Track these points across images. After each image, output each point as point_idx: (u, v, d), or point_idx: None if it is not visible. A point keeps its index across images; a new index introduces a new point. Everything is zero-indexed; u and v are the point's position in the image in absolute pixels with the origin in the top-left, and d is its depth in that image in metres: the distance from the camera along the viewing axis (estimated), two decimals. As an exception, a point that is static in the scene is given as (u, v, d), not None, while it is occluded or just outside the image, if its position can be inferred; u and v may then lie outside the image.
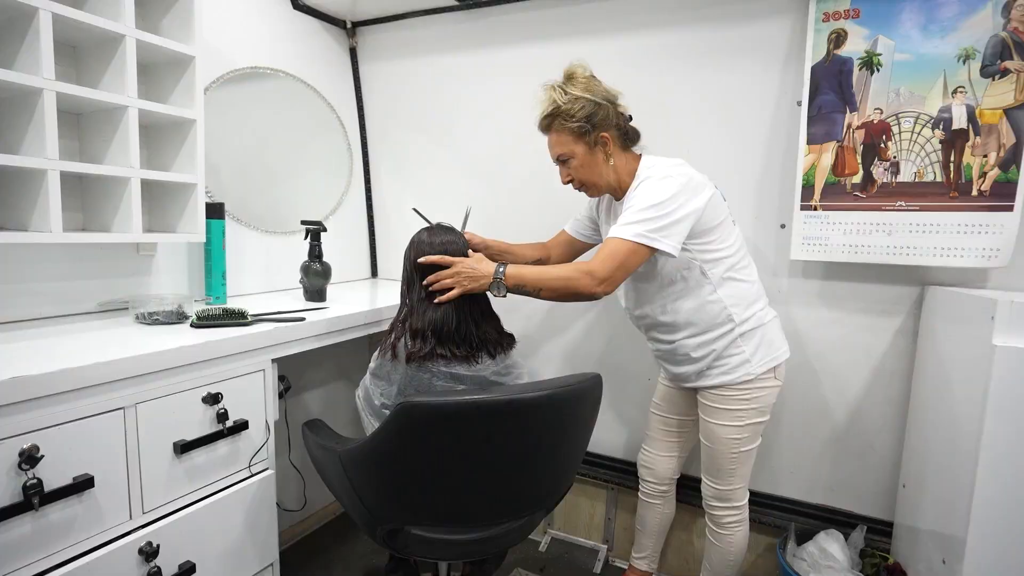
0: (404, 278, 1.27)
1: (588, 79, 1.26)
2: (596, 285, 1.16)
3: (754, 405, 1.30)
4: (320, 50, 1.97)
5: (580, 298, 1.19)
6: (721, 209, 1.27)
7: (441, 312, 1.19)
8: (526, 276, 1.19)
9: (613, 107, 1.26)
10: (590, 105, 1.22)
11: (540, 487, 1.15)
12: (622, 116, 1.29)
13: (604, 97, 1.25)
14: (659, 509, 1.61)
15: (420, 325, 1.18)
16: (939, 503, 1.23)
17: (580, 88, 1.23)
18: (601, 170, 1.28)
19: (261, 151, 1.81)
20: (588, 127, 1.23)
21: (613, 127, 1.26)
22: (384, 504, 1.11)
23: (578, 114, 1.22)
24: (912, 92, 1.32)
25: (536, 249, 1.55)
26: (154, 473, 1.05)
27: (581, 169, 1.28)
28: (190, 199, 1.36)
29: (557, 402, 1.05)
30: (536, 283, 1.19)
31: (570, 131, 1.24)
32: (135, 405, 1.01)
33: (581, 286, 1.16)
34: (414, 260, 1.24)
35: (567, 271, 1.19)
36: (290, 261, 1.78)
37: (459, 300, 1.20)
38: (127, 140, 1.19)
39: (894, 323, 1.47)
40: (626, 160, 1.30)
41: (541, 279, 1.19)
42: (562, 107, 1.23)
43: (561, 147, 1.28)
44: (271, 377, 1.29)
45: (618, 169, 1.29)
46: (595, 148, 1.26)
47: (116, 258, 1.40)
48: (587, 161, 1.27)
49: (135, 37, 1.18)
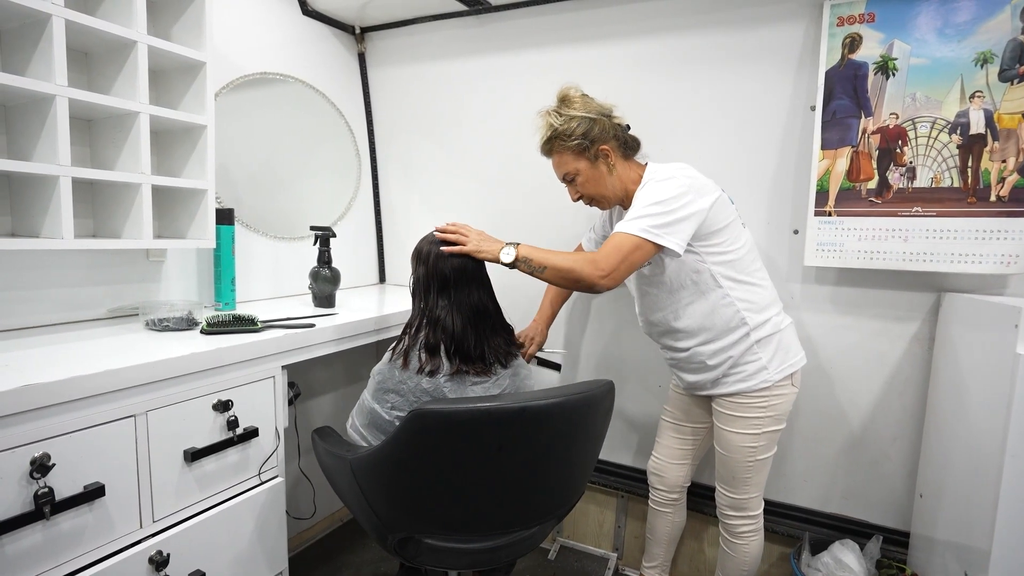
0: (418, 284, 1.23)
1: (581, 98, 1.29)
2: (599, 276, 1.16)
3: (771, 413, 1.28)
4: (329, 56, 1.97)
5: (581, 286, 1.20)
6: (728, 211, 1.27)
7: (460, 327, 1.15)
8: (534, 253, 1.22)
9: (609, 120, 1.29)
10: (585, 122, 1.26)
11: (552, 495, 1.14)
12: (619, 127, 1.31)
13: (598, 112, 1.28)
14: (669, 518, 1.59)
15: (435, 340, 1.16)
16: (960, 514, 1.21)
17: (574, 108, 1.27)
18: (606, 182, 1.30)
19: (270, 157, 1.81)
20: (587, 143, 1.26)
21: (611, 139, 1.29)
22: (395, 512, 1.10)
23: (575, 132, 1.25)
24: (928, 97, 1.30)
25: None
26: (164, 481, 1.05)
27: (587, 184, 1.31)
28: (200, 205, 1.35)
29: (570, 409, 1.04)
30: (542, 261, 1.21)
31: (570, 150, 1.28)
32: (146, 413, 1.00)
33: (584, 273, 1.17)
34: (432, 266, 1.20)
35: (573, 257, 1.20)
36: (299, 267, 1.78)
37: (472, 316, 1.17)
38: (138, 146, 1.19)
39: (909, 330, 1.45)
40: (629, 169, 1.32)
41: (547, 258, 1.21)
42: (559, 129, 1.27)
43: (564, 167, 1.31)
44: (281, 384, 1.29)
45: (622, 178, 1.31)
46: (597, 162, 1.29)
47: (126, 264, 1.39)
48: (591, 176, 1.29)
49: (147, 43, 1.18)
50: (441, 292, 1.19)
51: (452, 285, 1.19)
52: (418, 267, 1.23)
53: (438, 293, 1.19)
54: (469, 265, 1.21)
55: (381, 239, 2.22)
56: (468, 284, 1.20)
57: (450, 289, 1.19)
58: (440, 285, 1.19)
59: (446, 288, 1.19)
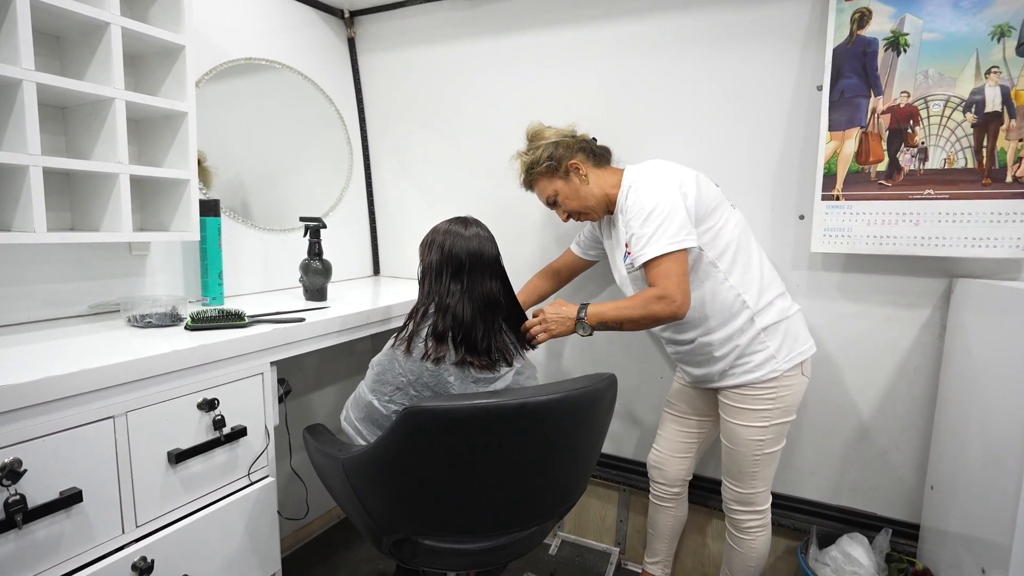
0: (428, 270, 1.17)
1: (540, 130, 1.40)
2: (677, 307, 1.17)
3: (780, 404, 1.24)
4: (317, 40, 1.91)
5: (662, 322, 1.21)
6: (713, 192, 1.27)
7: (470, 315, 1.11)
8: (606, 314, 1.23)
9: (572, 138, 1.38)
10: (549, 146, 1.35)
11: (554, 494, 1.10)
12: (584, 141, 1.39)
13: (557, 135, 1.37)
14: (671, 512, 1.55)
15: (443, 327, 1.11)
16: (975, 506, 1.17)
17: (538, 140, 1.38)
18: (582, 193, 1.35)
19: (258, 146, 1.75)
20: (554, 163, 1.35)
21: (578, 152, 1.36)
22: (390, 513, 1.06)
23: (542, 157, 1.35)
24: (942, 73, 1.24)
25: (546, 278, 1.62)
26: (147, 484, 1.00)
27: (568, 200, 1.37)
28: (183, 196, 1.30)
29: (571, 405, 0.99)
30: (617, 318, 1.23)
31: (542, 174, 1.37)
32: (126, 413, 0.96)
33: (659, 311, 1.18)
34: (448, 251, 1.14)
35: (640, 302, 1.21)
36: (290, 259, 1.72)
37: (483, 306, 1.14)
38: (114, 134, 1.13)
39: (920, 317, 1.40)
40: (605, 175, 1.36)
41: (621, 315, 1.22)
42: (528, 161, 1.38)
43: (544, 191, 1.39)
44: (270, 380, 1.24)
45: (600, 185, 1.35)
46: (569, 177, 1.35)
47: (108, 258, 1.34)
48: (568, 191, 1.36)
49: (120, 25, 1.12)
50: (454, 277, 1.14)
51: (466, 271, 1.14)
52: (431, 253, 1.18)
53: (451, 278, 1.14)
54: (486, 252, 1.16)
55: (375, 230, 2.16)
56: (482, 272, 1.15)
57: (463, 276, 1.14)
58: (454, 270, 1.14)
59: (460, 274, 1.14)
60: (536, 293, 1.60)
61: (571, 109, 1.61)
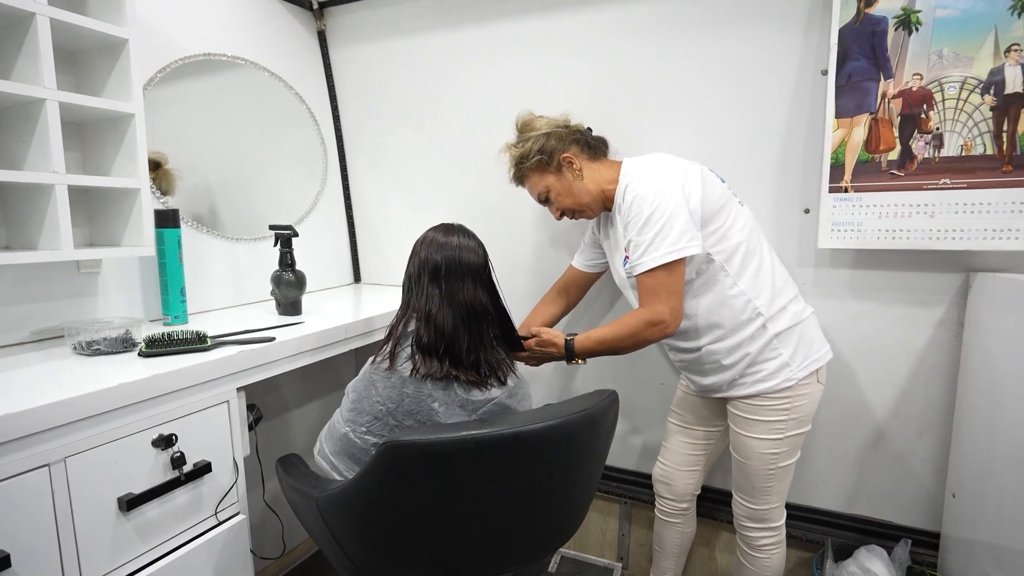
0: (408, 279, 1.09)
1: (531, 120, 1.29)
2: (664, 327, 1.12)
3: (795, 415, 1.15)
4: (284, 34, 1.78)
5: (654, 340, 1.16)
6: (719, 189, 1.16)
7: (451, 324, 1.02)
8: (593, 347, 1.20)
9: (565, 129, 1.27)
10: (540, 138, 1.25)
11: (551, 527, 1.00)
12: (578, 132, 1.28)
13: (551, 126, 1.27)
14: (679, 528, 1.46)
15: (427, 338, 1.01)
16: (1002, 514, 1.09)
17: (528, 131, 1.28)
18: (576, 189, 1.25)
19: (224, 148, 1.62)
20: (545, 157, 1.25)
21: (571, 144, 1.26)
22: (370, 555, 0.95)
23: (532, 151, 1.25)
24: (957, 53, 1.16)
25: (552, 302, 1.48)
26: (93, 537, 0.88)
27: (561, 197, 1.27)
28: (134, 207, 1.17)
29: (569, 431, 0.90)
30: (606, 348, 1.18)
31: (533, 169, 1.27)
32: (64, 460, 0.84)
33: (649, 336, 1.13)
34: (425, 257, 1.06)
35: (627, 327, 1.15)
36: (262, 270, 1.60)
37: (465, 313, 1.03)
38: (47, 140, 1.01)
39: (935, 314, 1.32)
40: (601, 169, 1.26)
41: (608, 346, 1.18)
42: (518, 154, 1.28)
43: (535, 187, 1.29)
44: (237, 408, 1.12)
45: (596, 180, 1.25)
46: (562, 172, 1.26)
47: (54, 278, 1.21)
48: (561, 188, 1.26)
49: (48, 16, 0.99)
50: (432, 282, 1.04)
51: (443, 276, 1.04)
52: (411, 264, 1.09)
53: (429, 282, 1.04)
54: (466, 259, 1.05)
55: (354, 235, 2.04)
56: (463, 277, 1.04)
57: (440, 280, 1.04)
58: (431, 275, 1.05)
59: (437, 278, 1.04)
60: (541, 321, 1.43)
61: (561, 99, 1.50)
